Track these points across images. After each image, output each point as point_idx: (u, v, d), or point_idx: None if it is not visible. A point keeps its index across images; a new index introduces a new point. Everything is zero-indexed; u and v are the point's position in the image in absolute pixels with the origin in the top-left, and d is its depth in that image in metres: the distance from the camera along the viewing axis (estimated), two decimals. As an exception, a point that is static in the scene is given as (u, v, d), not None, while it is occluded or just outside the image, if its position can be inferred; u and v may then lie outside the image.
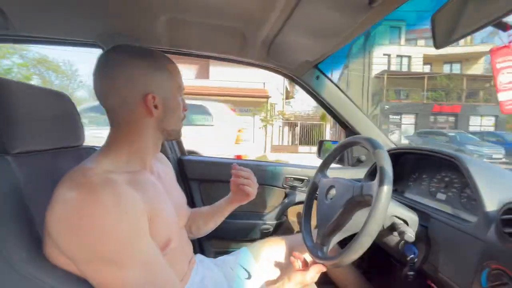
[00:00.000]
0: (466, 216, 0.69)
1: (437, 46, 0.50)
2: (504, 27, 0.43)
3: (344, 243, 0.66)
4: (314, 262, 0.69)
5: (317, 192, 0.86)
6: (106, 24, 0.77)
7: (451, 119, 15.82)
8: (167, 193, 0.64)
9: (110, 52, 0.57)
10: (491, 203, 0.58)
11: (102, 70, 0.55)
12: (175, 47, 0.94)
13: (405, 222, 0.71)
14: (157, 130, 0.61)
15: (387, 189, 0.56)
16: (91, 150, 0.76)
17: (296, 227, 1.29)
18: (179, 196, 0.75)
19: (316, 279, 0.67)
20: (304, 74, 1.07)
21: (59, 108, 0.69)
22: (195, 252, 0.85)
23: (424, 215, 0.74)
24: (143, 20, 0.75)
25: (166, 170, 0.73)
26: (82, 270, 0.46)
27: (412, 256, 0.69)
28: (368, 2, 0.54)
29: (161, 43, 0.89)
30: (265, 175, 1.24)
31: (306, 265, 0.70)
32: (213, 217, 0.88)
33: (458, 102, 15.68)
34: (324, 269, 0.67)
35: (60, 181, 0.48)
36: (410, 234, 0.65)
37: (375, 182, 0.59)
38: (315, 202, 0.87)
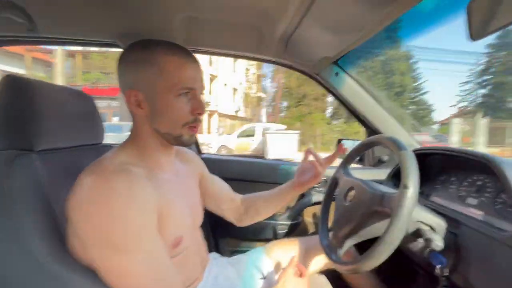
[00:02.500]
0: (501, 224, 0.63)
1: (473, 37, 0.46)
2: None
3: (361, 246, 0.62)
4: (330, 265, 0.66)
5: (336, 191, 0.83)
6: (125, 24, 0.78)
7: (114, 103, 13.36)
8: (183, 192, 0.63)
9: (127, 48, 0.58)
10: None
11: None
12: (192, 46, 0.94)
13: (432, 228, 0.67)
14: (154, 131, 0.57)
15: (412, 195, 0.52)
16: (110, 148, 0.78)
17: (311, 228, 1.27)
18: (196, 195, 0.74)
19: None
20: (322, 71, 1.03)
21: (81, 107, 0.71)
22: (210, 250, 0.85)
23: (453, 221, 0.69)
24: (160, 19, 0.75)
25: (187, 170, 0.72)
26: (91, 256, 0.48)
27: (440, 266, 0.64)
28: (393, -8, 0.50)
29: (178, 41, 0.88)
30: (281, 174, 1.22)
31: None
32: (272, 202, 0.86)
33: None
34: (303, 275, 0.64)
35: (80, 174, 0.50)
36: (438, 242, 0.60)
37: (398, 193, 0.55)
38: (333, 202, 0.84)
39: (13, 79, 0.55)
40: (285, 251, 0.90)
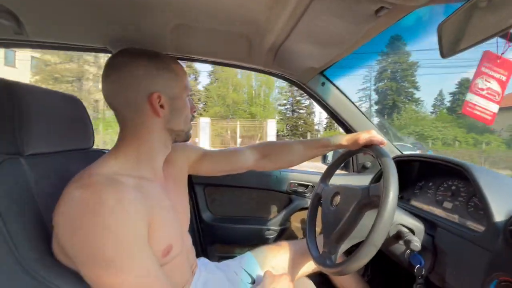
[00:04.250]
0: (474, 225, 0.68)
1: (443, 55, 0.50)
2: (505, 36, 0.43)
3: (349, 251, 0.65)
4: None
5: (321, 200, 0.86)
6: (116, 30, 0.79)
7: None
8: (171, 198, 0.64)
9: (117, 55, 0.58)
10: (499, 213, 0.58)
11: (108, 72, 0.56)
12: (183, 53, 0.95)
13: (411, 230, 0.71)
14: (164, 131, 0.61)
15: (393, 196, 0.55)
16: (100, 153, 0.78)
17: (300, 233, 1.29)
18: (184, 200, 0.74)
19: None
20: (310, 81, 1.08)
21: (71, 111, 0.71)
22: (199, 256, 0.85)
23: (430, 224, 0.73)
24: (151, 26, 0.76)
25: (175, 173, 0.72)
26: (83, 272, 0.46)
27: (418, 266, 0.68)
28: (375, 12, 0.55)
29: (169, 49, 0.90)
30: (270, 180, 1.24)
31: None
32: (305, 150, 0.85)
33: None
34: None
35: (69, 183, 0.49)
36: (416, 243, 0.64)
37: (381, 183, 0.59)
38: (319, 210, 0.87)
39: (4, 83, 0.55)
40: (274, 255, 0.91)
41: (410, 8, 0.52)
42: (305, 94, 1.14)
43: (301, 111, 24.77)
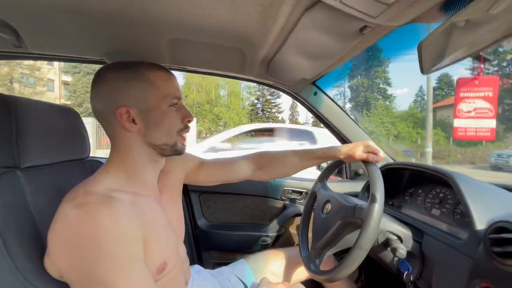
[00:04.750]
0: (459, 232, 0.70)
1: (423, 71, 0.53)
2: (478, 58, 0.46)
3: (341, 256, 0.67)
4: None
5: (315, 205, 0.88)
6: (112, 43, 0.81)
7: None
8: (167, 212, 0.63)
9: (98, 70, 0.58)
10: (480, 222, 0.60)
11: (91, 87, 0.57)
12: (178, 65, 0.98)
13: (399, 238, 0.73)
14: (145, 146, 0.57)
15: (378, 207, 0.58)
16: (97, 162, 0.79)
17: (294, 239, 1.30)
18: (179, 211, 0.73)
19: None
20: (302, 90, 1.11)
21: (66, 123, 0.72)
22: (193, 263, 0.86)
23: (418, 231, 0.75)
24: (147, 39, 0.78)
25: (170, 184, 0.71)
26: None
27: (406, 272, 0.70)
28: (359, 29, 0.58)
29: (165, 61, 0.92)
30: (264, 187, 1.26)
31: None
32: (300, 161, 0.85)
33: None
34: None
35: (64, 198, 0.50)
36: (401, 250, 0.66)
37: (367, 205, 0.61)
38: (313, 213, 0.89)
39: (2, 97, 0.56)
40: (268, 262, 0.92)
41: (392, 27, 0.55)
42: (276, 93, 1.17)
43: (272, 110, 24.38)
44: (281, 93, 1.16)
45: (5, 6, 0.64)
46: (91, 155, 0.81)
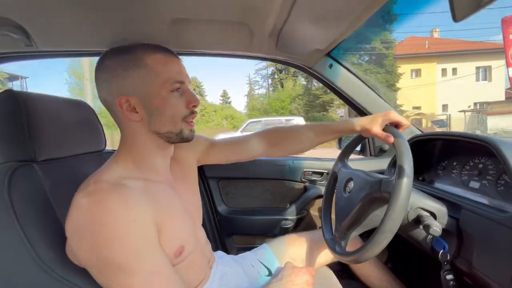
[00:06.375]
0: (504, 205, 0.62)
1: (456, 18, 0.45)
2: None
3: (367, 236, 0.63)
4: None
5: (337, 184, 0.83)
6: (115, 32, 0.79)
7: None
8: (182, 197, 0.63)
9: (100, 57, 0.57)
10: None
11: (94, 76, 0.56)
12: (184, 49, 0.95)
13: (433, 214, 0.66)
14: (151, 134, 0.56)
15: (406, 182, 0.52)
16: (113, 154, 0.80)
17: (317, 222, 1.27)
18: (196, 196, 0.73)
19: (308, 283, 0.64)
20: (316, 64, 1.03)
21: (80, 116, 0.73)
22: (217, 249, 0.86)
23: (454, 206, 0.68)
24: (149, 24, 0.76)
25: (184, 170, 0.71)
26: (94, 276, 0.48)
27: (442, 251, 0.64)
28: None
29: (170, 45, 0.90)
30: (283, 169, 1.22)
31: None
32: (316, 136, 0.81)
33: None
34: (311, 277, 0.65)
35: (78, 189, 0.50)
36: (436, 227, 0.60)
37: (394, 177, 0.55)
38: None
39: (12, 93, 0.57)
40: (291, 246, 0.90)
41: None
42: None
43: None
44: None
45: (13, 6, 0.64)
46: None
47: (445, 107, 16.38)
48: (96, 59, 0.60)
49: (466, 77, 15.91)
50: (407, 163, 0.54)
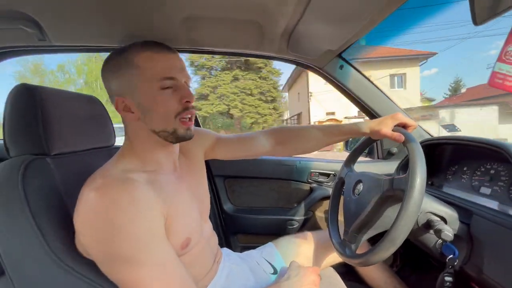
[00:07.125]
0: None
1: (476, 22, 0.44)
2: None
3: (375, 240, 0.62)
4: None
5: (344, 188, 0.82)
6: (127, 28, 0.80)
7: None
8: (190, 190, 0.64)
9: (105, 59, 0.59)
10: None
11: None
12: (195, 46, 0.95)
13: (443, 219, 0.66)
14: (151, 133, 0.57)
15: (420, 183, 0.51)
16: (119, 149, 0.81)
17: (323, 223, 1.26)
18: (203, 189, 0.74)
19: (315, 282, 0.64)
20: (327, 65, 1.02)
21: (91, 111, 0.73)
22: (221, 246, 0.86)
23: (465, 211, 0.67)
24: (161, 21, 0.76)
25: (191, 163, 0.71)
26: (103, 269, 0.48)
27: (451, 256, 0.63)
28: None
29: (181, 43, 0.90)
30: (290, 170, 1.22)
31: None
32: (325, 136, 0.80)
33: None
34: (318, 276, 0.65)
35: (84, 183, 0.51)
36: (448, 232, 0.59)
37: (407, 175, 0.54)
38: (342, 197, 0.84)
39: (26, 88, 0.58)
40: (296, 246, 0.90)
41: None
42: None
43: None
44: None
45: (28, 0, 0.65)
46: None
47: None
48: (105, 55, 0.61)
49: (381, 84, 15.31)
50: (420, 161, 0.53)
